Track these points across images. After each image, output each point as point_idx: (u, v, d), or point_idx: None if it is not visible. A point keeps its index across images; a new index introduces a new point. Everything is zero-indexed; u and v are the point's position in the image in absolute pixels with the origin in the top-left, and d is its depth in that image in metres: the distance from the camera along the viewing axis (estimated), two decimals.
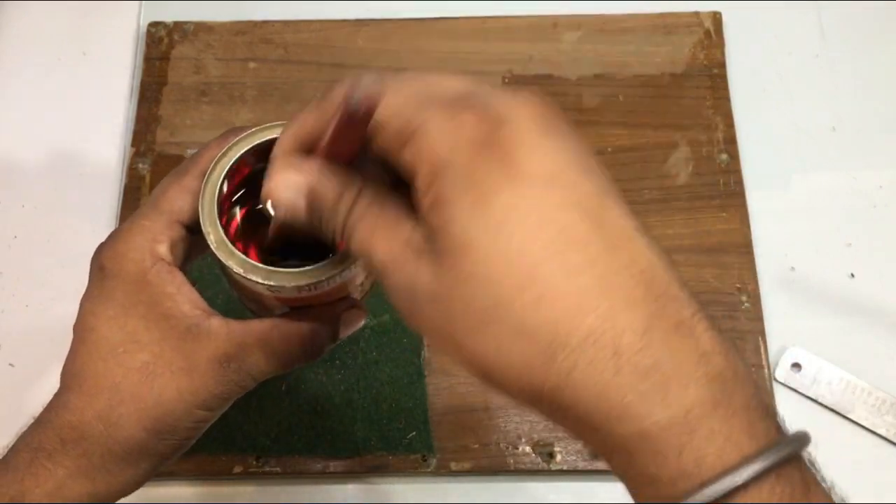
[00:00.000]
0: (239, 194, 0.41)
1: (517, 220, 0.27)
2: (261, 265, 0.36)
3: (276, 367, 0.38)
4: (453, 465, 0.55)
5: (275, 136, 0.38)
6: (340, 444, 0.55)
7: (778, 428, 0.28)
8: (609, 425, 0.27)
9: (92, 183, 0.63)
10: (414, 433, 0.55)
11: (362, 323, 0.41)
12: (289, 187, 0.32)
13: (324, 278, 0.36)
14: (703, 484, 0.26)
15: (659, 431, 0.26)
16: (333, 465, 0.55)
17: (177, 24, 0.68)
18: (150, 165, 0.63)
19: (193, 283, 0.59)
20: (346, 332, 0.40)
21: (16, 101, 0.66)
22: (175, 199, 0.38)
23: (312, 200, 0.32)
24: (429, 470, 0.54)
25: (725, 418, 0.26)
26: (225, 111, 0.65)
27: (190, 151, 0.63)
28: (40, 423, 0.37)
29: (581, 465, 0.54)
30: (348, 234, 0.32)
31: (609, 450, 0.28)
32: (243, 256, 0.36)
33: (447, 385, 0.56)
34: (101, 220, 0.62)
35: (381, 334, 0.58)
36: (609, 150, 0.63)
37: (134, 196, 0.62)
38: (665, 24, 0.67)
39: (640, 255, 0.28)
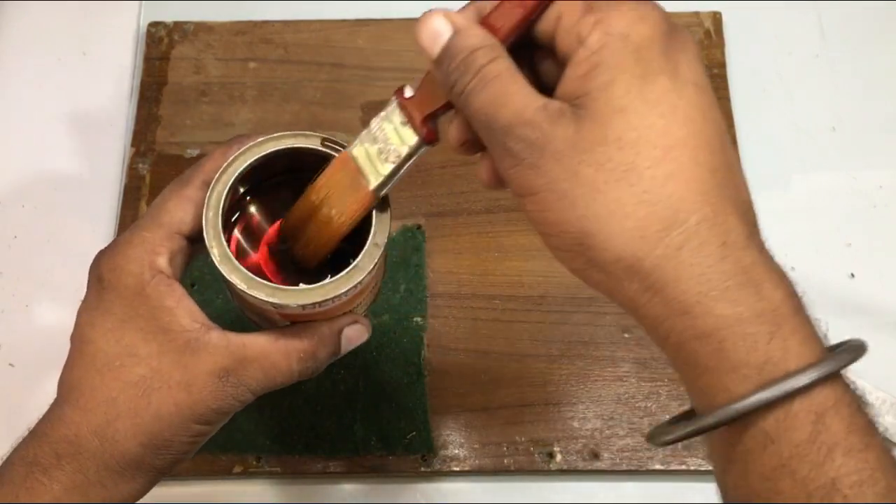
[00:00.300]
0: (243, 206, 0.41)
1: (670, 105, 0.30)
2: (264, 282, 0.36)
3: (276, 382, 0.38)
4: (453, 465, 0.55)
5: (280, 147, 0.38)
6: (340, 444, 0.55)
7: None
8: (705, 305, 0.29)
9: (92, 183, 0.63)
10: (414, 433, 0.55)
11: (365, 338, 0.40)
12: (439, 20, 0.33)
13: (328, 297, 0.36)
14: (789, 374, 0.28)
15: (753, 317, 0.29)
16: (333, 465, 0.55)
17: (177, 24, 0.68)
18: (150, 165, 0.63)
19: (193, 283, 0.59)
20: (347, 348, 0.40)
21: (16, 101, 0.66)
22: (176, 210, 0.38)
23: (456, 40, 0.32)
24: (429, 470, 0.55)
25: (804, 323, 0.30)
26: (225, 111, 0.65)
27: (190, 151, 0.63)
28: (36, 435, 0.37)
29: (581, 465, 0.54)
30: (475, 88, 0.32)
31: (695, 335, 0.30)
32: (247, 272, 0.36)
33: (447, 385, 0.56)
34: (101, 219, 0.62)
35: (381, 334, 0.58)
36: None
37: (134, 196, 0.62)
38: None
39: (745, 190, 0.32)
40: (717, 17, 0.67)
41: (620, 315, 0.58)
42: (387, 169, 0.36)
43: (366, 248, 0.37)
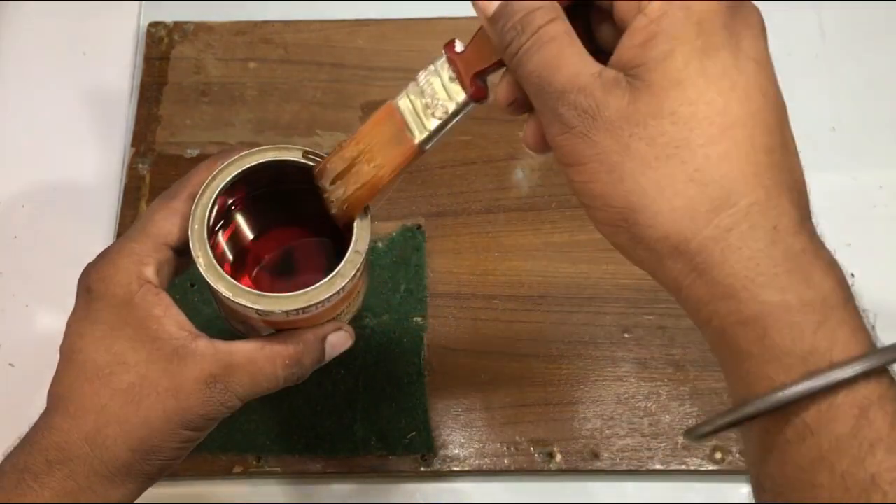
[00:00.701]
0: (229, 217, 0.41)
1: (730, 81, 0.29)
2: (249, 289, 0.37)
3: (262, 388, 0.38)
4: (453, 465, 0.55)
5: (261, 160, 0.38)
6: (340, 444, 0.55)
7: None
8: (751, 291, 0.28)
9: (92, 183, 0.63)
10: (414, 433, 0.55)
11: (349, 345, 0.41)
12: None
13: (311, 304, 0.37)
14: (834, 364, 0.28)
15: (801, 306, 0.28)
16: (333, 465, 0.55)
17: (177, 24, 0.68)
18: (150, 165, 0.63)
19: (193, 283, 0.59)
20: (332, 354, 0.40)
21: (16, 101, 0.66)
22: (163, 221, 0.38)
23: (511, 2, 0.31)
24: (429, 470, 0.55)
25: (852, 314, 0.29)
26: (225, 111, 0.65)
27: (190, 151, 0.63)
28: (26, 443, 0.37)
29: (581, 465, 0.54)
30: (530, 49, 0.31)
31: (739, 320, 0.29)
32: (232, 281, 0.37)
33: (447, 385, 0.56)
34: (101, 220, 0.62)
35: (381, 334, 0.58)
36: None
37: (134, 196, 0.62)
38: None
39: (800, 171, 0.31)
40: None
41: (620, 315, 0.58)
42: (433, 124, 0.35)
43: (347, 255, 0.38)
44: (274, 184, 0.41)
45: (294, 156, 0.39)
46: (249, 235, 0.43)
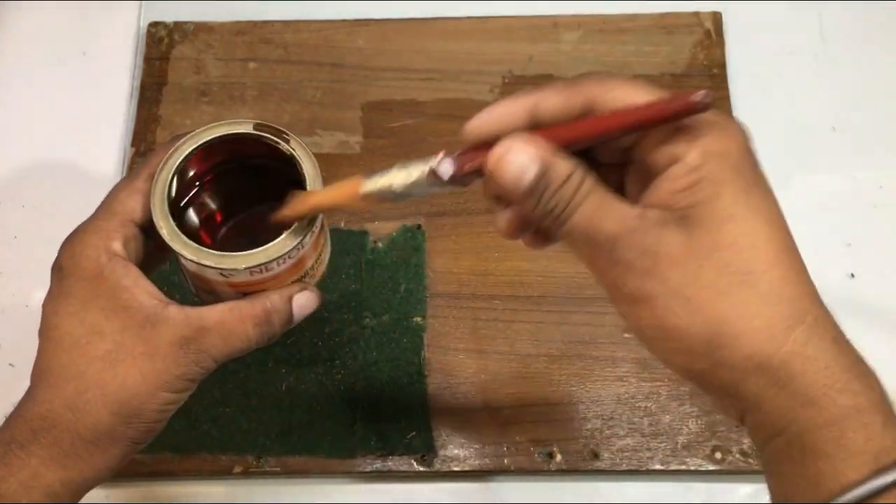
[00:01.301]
0: (191, 193, 0.43)
1: (768, 212, 0.33)
2: (212, 251, 0.38)
3: (235, 348, 0.40)
4: (453, 465, 0.55)
5: (218, 134, 0.40)
6: (340, 444, 0.55)
7: None
8: (830, 397, 0.31)
9: (92, 183, 0.63)
10: (414, 433, 0.55)
11: (316, 305, 0.42)
12: (522, 157, 0.33)
13: (273, 258, 0.38)
14: None
15: (870, 407, 0.31)
16: (333, 465, 0.55)
17: (177, 24, 0.68)
18: None
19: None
20: (300, 315, 0.41)
21: (16, 101, 0.66)
22: (127, 200, 0.40)
23: (544, 175, 0.33)
24: (429, 470, 0.55)
25: None
26: (225, 111, 0.65)
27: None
28: (11, 418, 0.39)
29: (581, 465, 0.54)
30: (570, 212, 0.33)
31: (819, 424, 0.31)
32: (195, 245, 0.38)
33: (447, 385, 0.57)
34: None
35: (381, 334, 0.58)
36: None
37: None
38: (665, 25, 0.67)
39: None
40: (717, 17, 0.67)
41: (620, 315, 0.58)
42: (384, 183, 0.37)
43: None
44: (236, 159, 0.43)
45: (246, 129, 0.41)
46: (215, 209, 0.44)
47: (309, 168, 0.40)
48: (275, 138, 0.40)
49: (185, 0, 0.69)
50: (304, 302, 0.41)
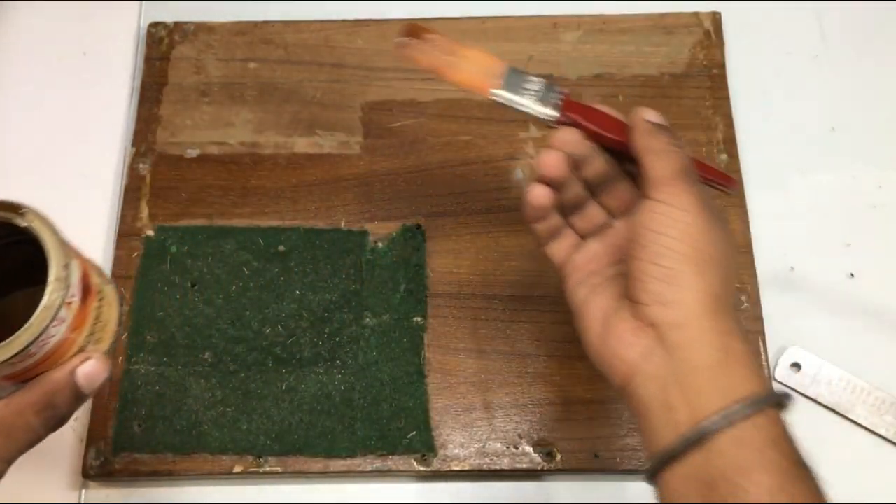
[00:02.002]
0: None
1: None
2: None
3: (22, 442, 0.37)
4: (453, 465, 0.55)
5: None
6: (340, 444, 0.55)
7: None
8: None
9: (92, 183, 0.63)
10: (414, 433, 0.55)
11: (106, 375, 0.39)
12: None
13: (29, 343, 0.35)
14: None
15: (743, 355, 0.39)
16: (333, 465, 0.55)
17: (177, 24, 0.68)
18: (150, 165, 0.63)
19: (193, 284, 0.59)
20: (91, 386, 0.39)
21: (16, 101, 0.66)
22: None
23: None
24: (429, 470, 0.55)
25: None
26: (225, 111, 0.65)
27: (190, 151, 0.63)
28: None
29: (581, 465, 0.54)
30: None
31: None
32: None
33: (447, 385, 0.57)
34: (101, 219, 0.62)
35: (381, 334, 0.58)
36: None
37: (134, 196, 0.62)
38: (665, 25, 0.67)
39: None
40: (716, 17, 0.67)
41: None
42: (512, 100, 0.46)
43: (48, 283, 0.36)
44: None
45: None
46: None
47: (51, 242, 0.36)
48: (7, 214, 0.36)
49: (185, 0, 0.69)
50: (89, 371, 0.38)
